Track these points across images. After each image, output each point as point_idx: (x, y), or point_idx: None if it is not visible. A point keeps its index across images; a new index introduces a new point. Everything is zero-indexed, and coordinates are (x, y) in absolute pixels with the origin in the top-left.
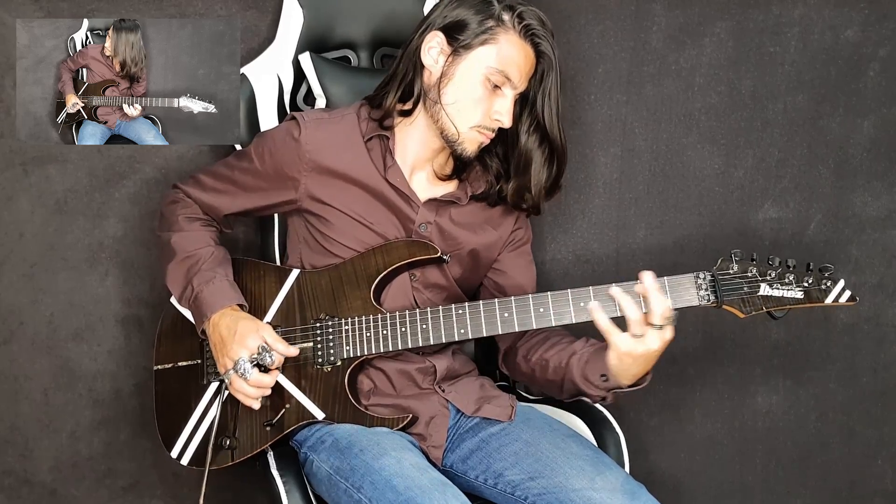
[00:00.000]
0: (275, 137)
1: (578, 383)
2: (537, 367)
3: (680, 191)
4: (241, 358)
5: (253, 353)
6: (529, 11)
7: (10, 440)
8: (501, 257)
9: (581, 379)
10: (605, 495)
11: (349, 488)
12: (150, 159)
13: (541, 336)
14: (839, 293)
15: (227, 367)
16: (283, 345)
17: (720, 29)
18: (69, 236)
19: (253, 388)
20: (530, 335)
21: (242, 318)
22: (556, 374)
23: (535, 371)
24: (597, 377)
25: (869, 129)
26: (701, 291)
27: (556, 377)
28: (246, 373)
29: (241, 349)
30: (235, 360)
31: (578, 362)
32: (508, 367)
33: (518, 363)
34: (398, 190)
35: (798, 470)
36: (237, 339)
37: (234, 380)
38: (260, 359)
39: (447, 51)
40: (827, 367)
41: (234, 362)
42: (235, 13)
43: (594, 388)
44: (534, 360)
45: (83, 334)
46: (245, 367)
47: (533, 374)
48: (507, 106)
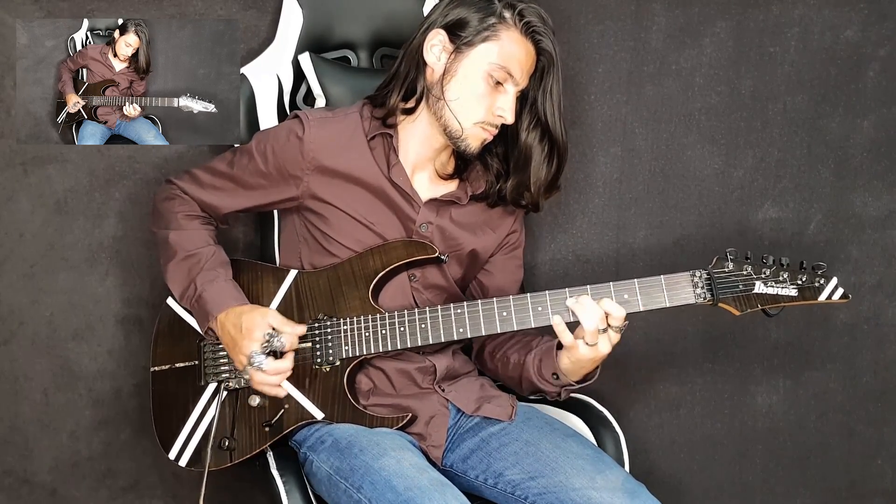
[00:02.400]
0: (278, 135)
1: (534, 380)
2: (500, 364)
3: (680, 191)
4: (252, 352)
5: (262, 342)
6: (530, 9)
7: (10, 440)
8: (492, 259)
9: (537, 376)
10: (606, 494)
11: (349, 488)
12: (150, 159)
13: (508, 333)
14: (832, 290)
15: (243, 363)
16: (290, 325)
17: (720, 29)
18: (69, 236)
19: (273, 376)
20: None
21: (245, 311)
22: (515, 370)
23: (498, 367)
24: (549, 375)
25: (869, 129)
26: (697, 290)
27: (514, 374)
28: (261, 364)
29: (250, 343)
30: (248, 355)
31: (534, 360)
32: (479, 362)
33: (485, 359)
34: (400, 189)
35: (798, 470)
36: (245, 335)
37: (252, 374)
38: (270, 346)
39: (449, 48)
40: (827, 367)
41: (247, 357)
42: (235, 13)
43: (549, 385)
44: (497, 356)
45: (83, 334)
46: (259, 360)
47: (496, 370)
48: (509, 102)
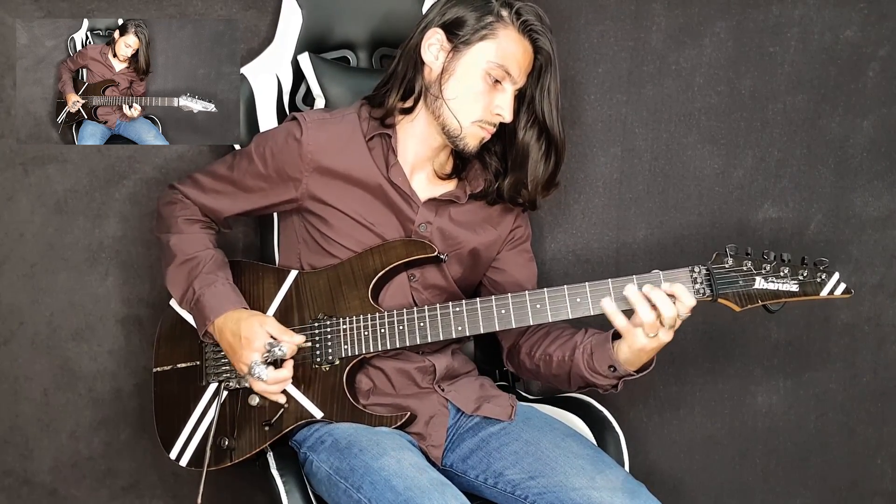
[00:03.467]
0: (276, 138)
1: (586, 375)
2: (541, 363)
3: (680, 191)
4: (253, 362)
5: (262, 352)
6: (527, 7)
7: (10, 440)
8: (501, 255)
9: (588, 371)
10: (606, 494)
11: (349, 488)
12: (150, 159)
13: (542, 331)
14: (834, 286)
15: (243, 371)
16: (289, 334)
17: (720, 29)
18: (69, 236)
19: (272, 385)
20: (532, 331)
21: (243, 318)
22: (561, 368)
23: (540, 367)
24: (605, 368)
25: (869, 129)
26: (696, 285)
27: (560, 371)
28: (261, 375)
29: (250, 353)
30: (249, 365)
31: (583, 355)
32: (513, 365)
33: (522, 360)
34: (399, 189)
35: (798, 470)
36: (244, 345)
37: (252, 383)
38: (271, 356)
39: (447, 47)
40: (827, 367)
41: (248, 367)
42: (235, 13)
43: (603, 379)
44: (537, 355)
45: (83, 334)
46: (259, 370)
47: (538, 369)
48: (507, 101)
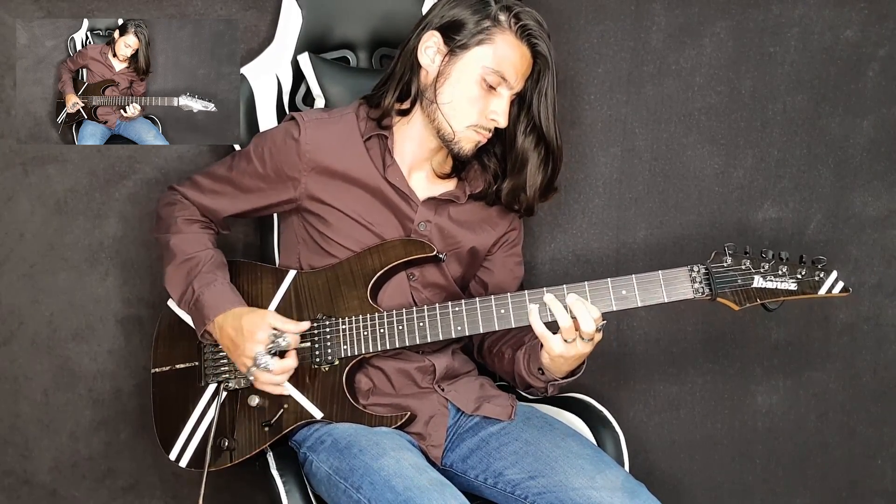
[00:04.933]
0: (274, 138)
1: (524, 376)
2: (496, 359)
3: (680, 191)
4: (257, 353)
5: (267, 343)
6: (526, 12)
7: (10, 440)
8: (492, 256)
9: (526, 372)
10: (606, 494)
11: (348, 488)
12: (150, 159)
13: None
14: (832, 284)
15: (247, 365)
16: (293, 323)
17: (720, 29)
18: (69, 236)
19: (279, 375)
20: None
21: (244, 314)
22: (509, 365)
23: (495, 361)
24: (535, 370)
25: (868, 129)
26: (695, 284)
27: (509, 369)
28: (268, 365)
29: (254, 345)
30: (253, 357)
31: (523, 355)
32: (481, 359)
33: (484, 355)
34: (397, 189)
35: (798, 470)
36: (247, 337)
37: (258, 375)
38: (275, 346)
39: (444, 50)
40: (827, 367)
41: (252, 359)
42: (235, 13)
43: (536, 381)
44: (494, 351)
45: (83, 334)
46: (265, 361)
47: (493, 364)
48: (502, 106)
